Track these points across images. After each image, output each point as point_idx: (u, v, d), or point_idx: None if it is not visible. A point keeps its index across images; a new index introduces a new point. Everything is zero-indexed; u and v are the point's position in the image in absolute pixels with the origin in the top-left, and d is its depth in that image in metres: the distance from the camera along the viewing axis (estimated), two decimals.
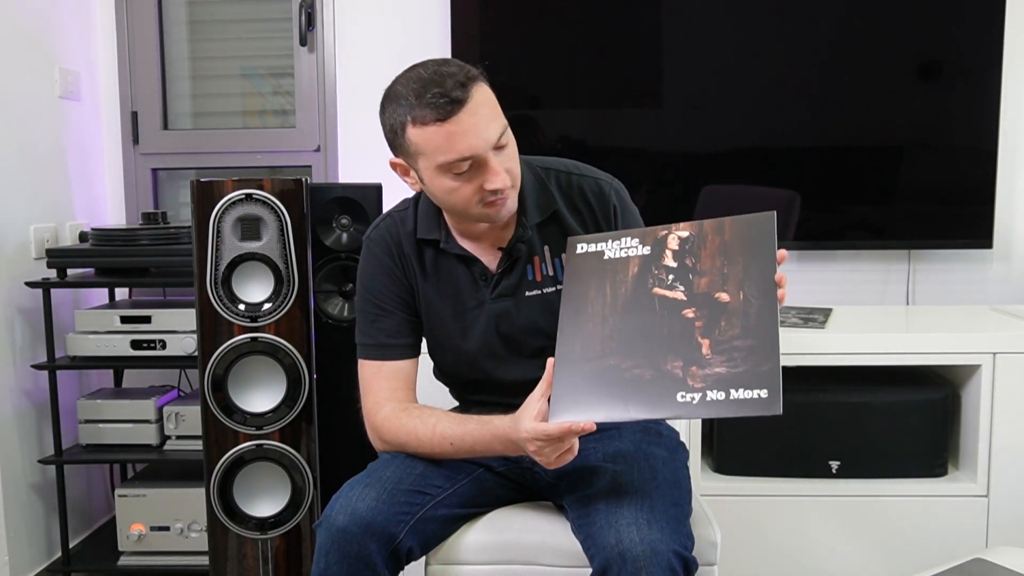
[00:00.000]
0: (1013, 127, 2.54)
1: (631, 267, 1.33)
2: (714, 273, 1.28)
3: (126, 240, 2.30)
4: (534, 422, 1.28)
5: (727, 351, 1.22)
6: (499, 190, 1.37)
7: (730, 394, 1.19)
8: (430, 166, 1.37)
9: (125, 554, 2.36)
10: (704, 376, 1.21)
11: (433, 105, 1.32)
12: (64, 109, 2.59)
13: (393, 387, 1.52)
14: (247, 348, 1.94)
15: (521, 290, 1.52)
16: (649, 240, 1.35)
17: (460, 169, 1.36)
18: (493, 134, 1.35)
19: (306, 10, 2.69)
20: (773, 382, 1.18)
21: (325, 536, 1.35)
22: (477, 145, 1.34)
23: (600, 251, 1.37)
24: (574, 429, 1.24)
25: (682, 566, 1.28)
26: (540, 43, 2.58)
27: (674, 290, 1.30)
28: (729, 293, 1.26)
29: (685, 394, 1.21)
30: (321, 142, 2.75)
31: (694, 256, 1.31)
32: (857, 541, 2.17)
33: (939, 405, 2.19)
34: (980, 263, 2.61)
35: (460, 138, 1.33)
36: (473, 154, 1.34)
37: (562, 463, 1.32)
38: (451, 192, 1.39)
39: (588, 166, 1.58)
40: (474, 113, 1.33)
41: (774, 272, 1.25)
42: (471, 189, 1.38)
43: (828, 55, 2.51)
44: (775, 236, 1.28)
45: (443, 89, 1.32)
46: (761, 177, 2.54)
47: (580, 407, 1.26)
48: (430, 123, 1.33)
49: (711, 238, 1.31)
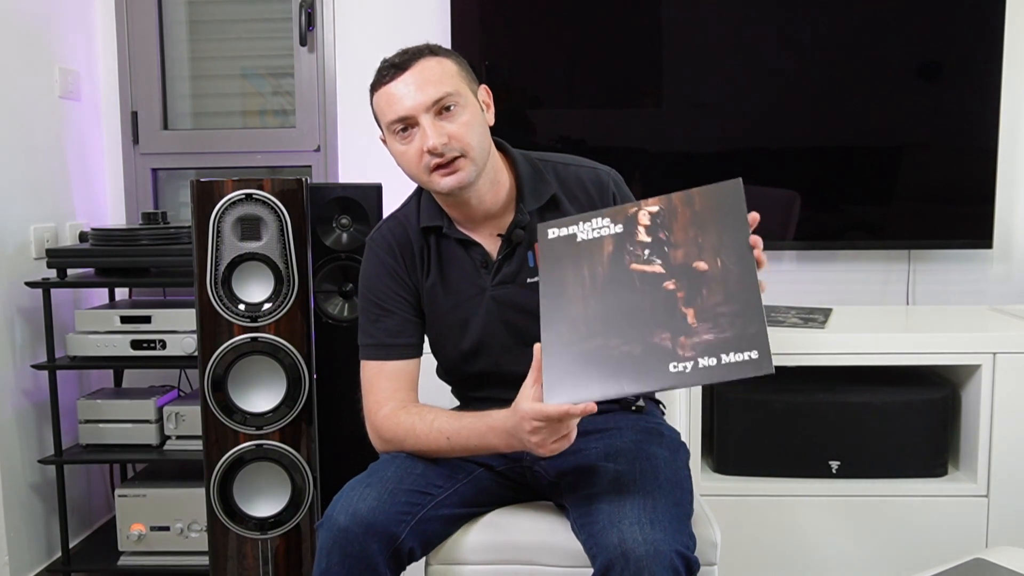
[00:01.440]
0: (1013, 127, 2.54)
1: (605, 247, 1.33)
2: (689, 244, 1.28)
3: (126, 240, 2.30)
4: (532, 402, 1.28)
5: (712, 318, 1.22)
6: (433, 150, 1.42)
7: (721, 359, 1.19)
8: (386, 131, 1.49)
9: (125, 554, 2.36)
10: (693, 344, 1.22)
11: (381, 72, 1.47)
12: (64, 109, 2.59)
13: (395, 387, 1.53)
14: (247, 348, 1.94)
15: (522, 276, 1.53)
16: (620, 218, 1.34)
17: (397, 130, 1.45)
18: (427, 97, 1.42)
19: (306, 10, 2.69)
20: (762, 342, 1.18)
21: (326, 536, 1.35)
22: (409, 106, 1.43)
23: (572, 234, 1.36)
24: (573, 412, 1.24)
25: (684, 566, 1.28)
26: (540, 43, 2.58)
27: (652, 264, 1.29)
28: (707, 261, 1.26)
29: (677, 364, 1.21)
30: (321, 142, 2.75)
31: (667, 229, 1.31)
32: (857, 541, 2.17)
33: (939, 405, 2.19)
34: (980, 263, 2.61)
35: (395, 100, 1.44)
36: (406, 114, 1.43)
37: (559, 449, 1.31)
38: (401, 156, 1.48)
39: (585, 158, 1.61)
40: (412, 78, 1.43)
41: (748, 237, 1.26)
42: (414, 152, 1.45)
43: (828, 55, 2.51)
44: (744, 201, 1.29)
45: (393, 60, 1.46)
46: (761, 177, 2.54)
47: (574, 388, 1.25)
48: (378, 88, 1.47)
49: (681, 210, 1.31)
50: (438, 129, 1.42)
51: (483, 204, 1.51)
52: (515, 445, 1.36)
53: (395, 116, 1.44)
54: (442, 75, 1.44)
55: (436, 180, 1.46)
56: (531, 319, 1.50)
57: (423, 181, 1.49)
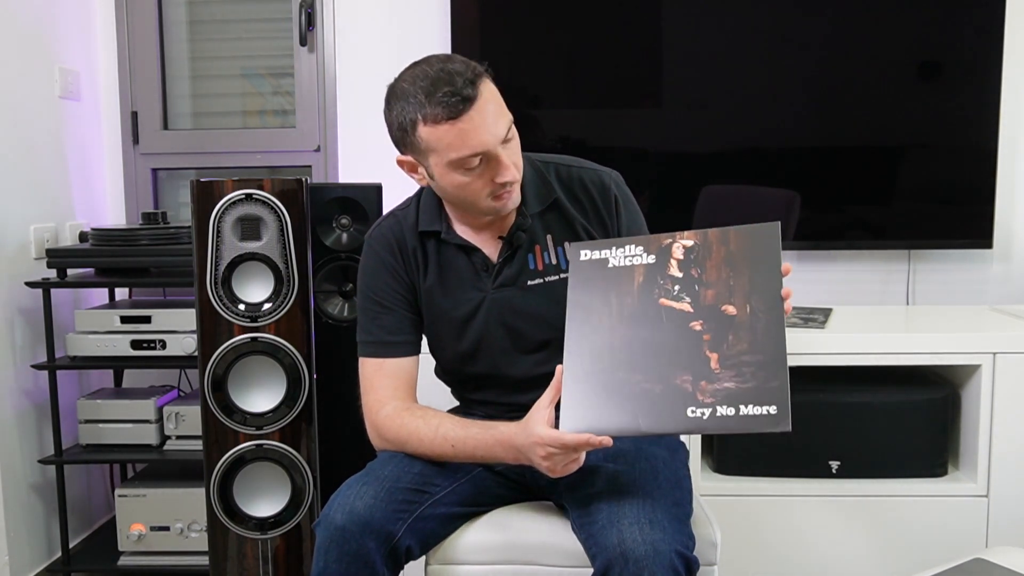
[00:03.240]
0: (1013, 127, 2.54)
1: (636, 276, 1.33)
2: (720, 285, 1.28)
3: (126, 240, 2.30)
4: (549, 428, 1.28)
5: (736, 366, 1.22)
6: (509, 183, 1.40)
7: (740, 410, 1.20)
8: (441, 162, 1.39)
9: (125, 554, 2.36)
10: (714, 391, 1.22)
11: (444, 104, 1.33)
12: (64, 109, 2.59)
13: (394, 385, 1.53)
14: (247, 348, 1.94)
15: (523, 279, 1.52)
16: (653, 248, 1.34)
17: (471, 164, 1.38)
18: (502, 129, 1.38)
19: (306, 10, 2.69)
20: (782, 398, 1.18)
21: (324, 535, 1.36)
22: (488, 141, 1.36)
23: (604, 258, 1.36)
24: (591, 442, 1.25)
25: (684, 566, 1.28)
26: (540, 43, 2.58)
27: (680, 301, 1.29)
28: (736, 306, 1.26)
29: (695, 409, 1.22)
30: (321, 142, 2.75)
31: (699, 267, 1.30)
32: (857, 541, 2.17)
33: (939, 405, 2.19)
34: (980, 263, 2.61)
35: (472, 135, 1.35)
36: (485, 150, 1.37)
37: (567, 472, 1.33)
38: (462, 187, 1.41)
39: (586, 160, 1.60)
40: (483, 110, 1.35)
41: (780, 285, 1.26)
42: (482, 183, 1.40)
43: (828, 55, 2.51)
44: (780, 247, 1.28)
45: (454, 88, 1.34)
46: (761, 177, 2.54)
47: (591, 418, 1.26)
48: (442, 121, 1.35)
49: (716, 248, 1.31)
50: (511, 161, 1.40)
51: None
52: (522, 460, 1.36)
53: (471, 152, 1.36)
54: (500, 101, 1.40)
55: (495, 206, 1.44)
56: (531, 322, 1.51)
57: (477, 208, 1.45)
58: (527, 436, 1.32)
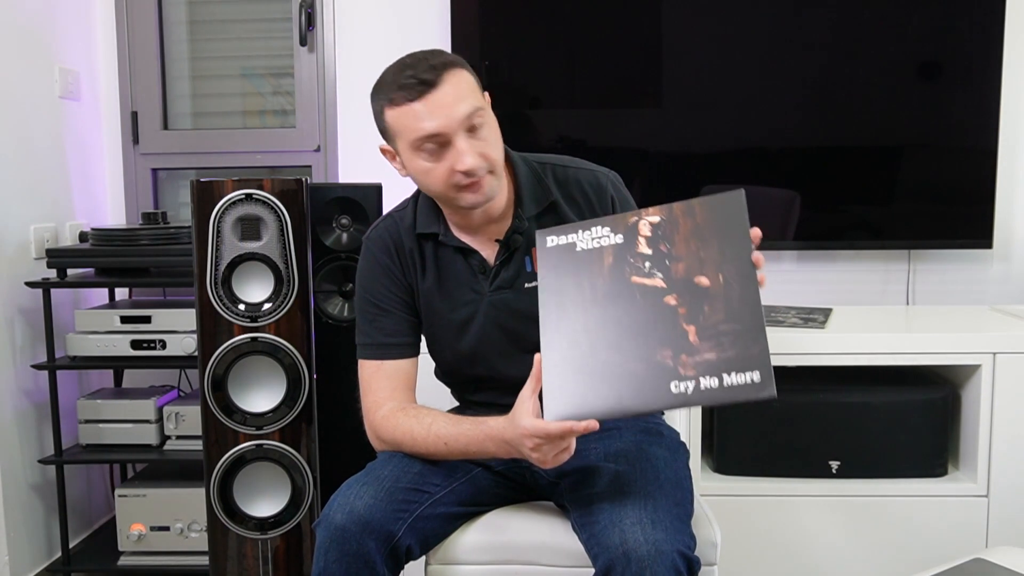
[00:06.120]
0: (1013, 127, 2.54)
1: (606, 257, 1.31)
2: (690, 258, 1.26)
3: (126, 240, 2.30)
4: (533, 419, 1.27)
5: (714, 336, 1.20)
6: (470, 171, 1.39)
7: (723, 380, 1.18)
8: (405, 147, 1.42)
9: (125, 554, 2.36)
10: (695, 364, 1.20)
11: (404, 86, 1.38)
12: (64, 109, 2.59)
13: (392, 386, 1.53)
14: (247, 348, 1.94)
15: (520, 281, 1.52)
16: (620, 228, 1.32)
17: (428, 147, 1.39)
18: (460, 112, 1.38)
19: (306, 10, 2.69)
20: (764, 363, 1.17)
21: (324, 535, 1.36)
22: (443, 124, 1.37)
23: (572, 243, 1.34)
24: (576, 429, 1.24)
25: (686, 566, 1.28)
26: (540, 43, 2.58)
27: (652, 278, 1.27)
28: (708, 277, 1.24)
29: (679, 383, 1.20)
30: (321, 142, 2.75)
31: (668, 242, 1.29)
32: (857, 541, 2.17)
33: (939, 405, 2.19)
34: (980, 263, 2.61)
35: (426, 116, 1.37)
36: (439, 131, 1.37)
37: (558, 463, 1.31)
38: (426, 173, 1.43)
39: (584, 160, 1.59)
40: (442, 92, 1.37)
41: (750, 252, 1.24)
42: (443, 170, 1.41)
43: (828, 55, 2.51)
44: (746, 214, 1.27)
45: (415, 71, 1.37)
46: (761, 177, 2.54)
47: (574, 404, 1.24)
48: (402, 103, 1.38)
49: (682, 221, 1.29)
50: (473, 149, 1.39)
51: (485, 211, 1.50)
52: (514, 454, 1.36)
53: (425, 133, 1.38)
54: (469, 89, 1.40)
55: (462, 197, 1.43)
56: (529, 324, 1.50)
57: (446, 198, 1.46)
58: (514, 429, 1.31)
